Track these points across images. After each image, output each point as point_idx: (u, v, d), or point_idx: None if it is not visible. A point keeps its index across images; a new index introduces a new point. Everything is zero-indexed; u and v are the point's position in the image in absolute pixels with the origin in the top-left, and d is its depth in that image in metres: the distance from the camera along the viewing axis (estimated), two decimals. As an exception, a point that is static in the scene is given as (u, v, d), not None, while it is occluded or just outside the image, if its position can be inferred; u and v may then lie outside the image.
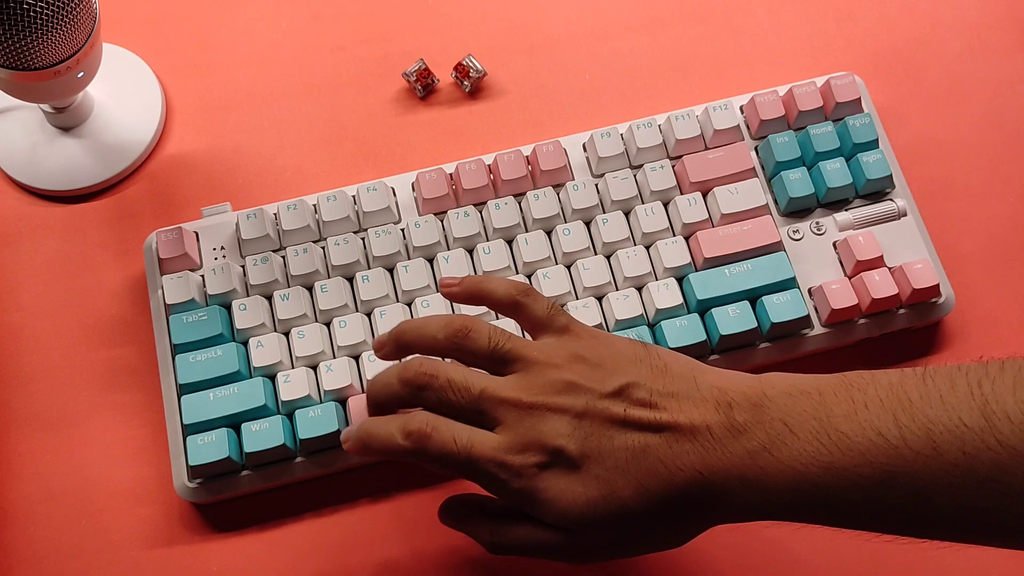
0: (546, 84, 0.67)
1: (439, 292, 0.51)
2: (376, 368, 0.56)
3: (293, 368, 0.57)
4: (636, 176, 0.61)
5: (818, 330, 0.58)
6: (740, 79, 0.66)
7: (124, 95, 0.65)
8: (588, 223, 0.60)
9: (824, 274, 0.59)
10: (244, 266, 0.59)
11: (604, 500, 0.43)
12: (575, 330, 0.47)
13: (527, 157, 0.61)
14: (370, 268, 0.59)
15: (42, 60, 0.54)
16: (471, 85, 0.66)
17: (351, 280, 0.59)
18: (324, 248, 0.59)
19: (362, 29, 0.68)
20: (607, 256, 0.59)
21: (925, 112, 0.66)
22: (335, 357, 0.57)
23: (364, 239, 0.59)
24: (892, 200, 0.60)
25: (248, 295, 0.58)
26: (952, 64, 0.67)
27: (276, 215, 0.60)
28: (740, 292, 0.57)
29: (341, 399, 0.56)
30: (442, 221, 0.60)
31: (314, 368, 0.57)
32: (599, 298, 0.58)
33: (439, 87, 0.67)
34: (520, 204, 0.60)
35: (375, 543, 0.56)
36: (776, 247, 0.59)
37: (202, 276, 0.59)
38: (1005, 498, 0.39)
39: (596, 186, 0.61)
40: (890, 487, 0.40)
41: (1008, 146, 0.65)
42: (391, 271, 0.59)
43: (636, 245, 0.59)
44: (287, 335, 0.58)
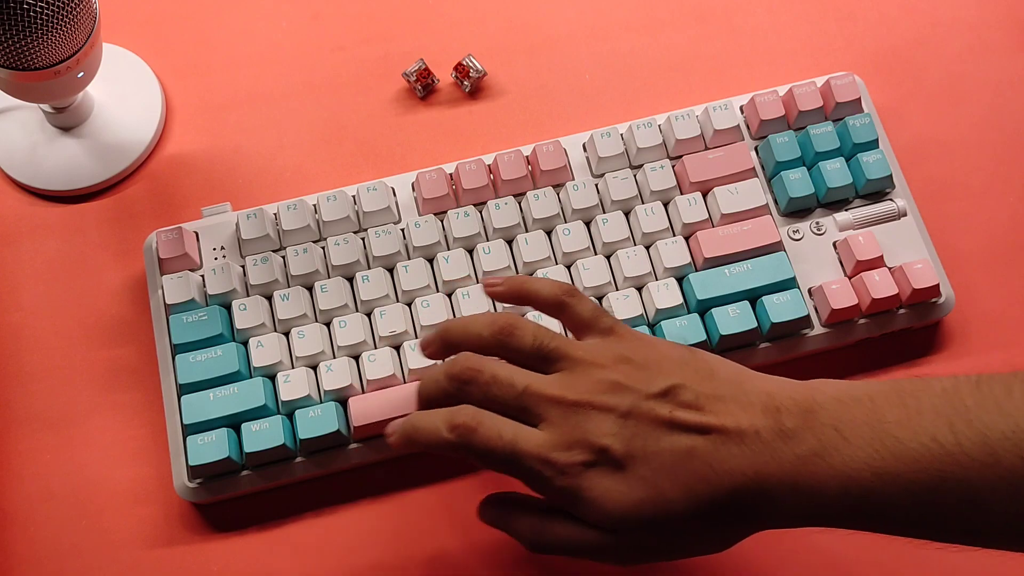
0: (546, 84, 0.67)
1: (483, 291, 0.50)
2: (373, 369, 0.56)
3: (293, 368, 0.57)
4: (636, 176, 0.61)
5: (818, 330, 0.58)
6: (740, 79, 0.66)
7: (124, 95, 0.65)
8: (588, 223, 0.60)
9: (824, 274, 0.59)
10: (244, 266, 0.59)
11: (649, 502, 0.42)
12: (620, 332, 0.47)
13: (527, 157, 0.61)
14: (370, 268, 0.59)
15: (42, 60, 0.54)
16: (471, 85, 0.66)
17: (351, 280, 0.59)
18: (324, 248, 0.59)
19: (362, 29, 0.68)
20: (607, 256, 0.59)
21: (925, 112, 0.66)
22: (335, 357, 0.57)
23: (364, 239, 0.59)
24: (892, 200, 0.60)
25: (248, 295, 0.58)
26: (952, 64, 0.67)
27: (276, 215, 0.60)
28: (740, 292, 0.57)
29: (341, 399, 0.56)
30: (442, 221, 0.60)
31: (314, 368, 0.57)
32: (599, 298, 0.58)
33: (439, 87, 0.67)
34: (520, 204, 0.60)
35: (375, 543, 0.56)
36: (776, 247, 0.59)
37: (202, 276, 0.59)
38: None
39: (596, 186, 0.61)
40: (944, 494, 0.39)
41: (1008, 146, 0.65)
42: (391, 271, 0.59)
43: (636, 245, 0.59)
44: (287, 335, 0.58)
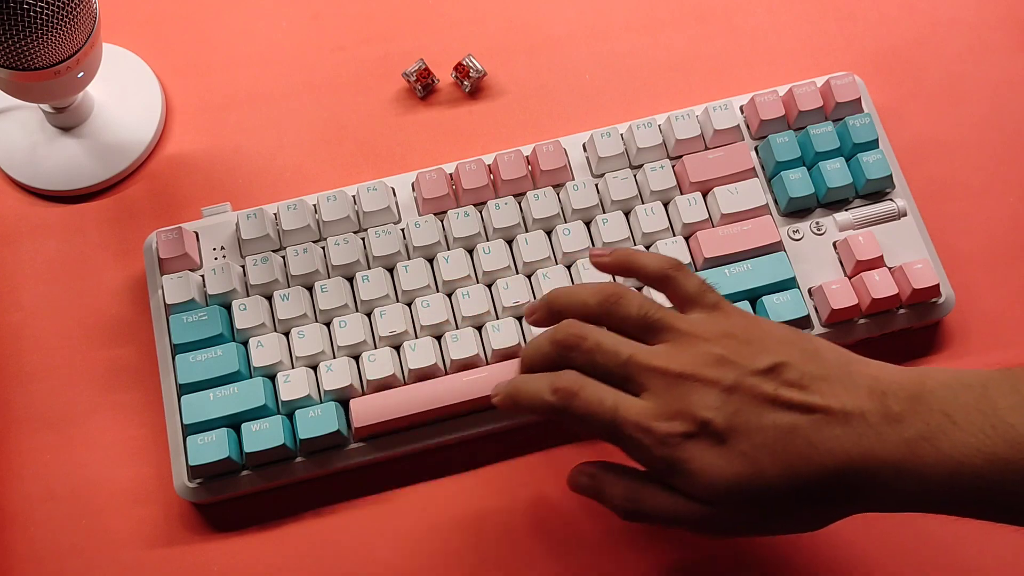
0: (546, 84, 0.67)
1: (589, 261, 0.50)
2: (373, 369, 0.56)
3: (293, 368, 0.57)
4: (636, 176, 0.61)
5: (818, 330, 0.58)
6: (740, 79, 0.66)
7: (124, 95, 0.65)
8: (588, 223, 0.60)
9: (824, 274, 0.59)
10: (244, 266, 0.59)
11: (749, 477, 0.42)
12: (725, 307, 0.47)
13: (527, 157, 0.61)
14: (370, 268, 0.59)
15: (42, 60, 0.54)
16: (471, 85, 0.66)
17: (351, 280, 0.59)
18: (324, 248, 0.59)
19: (362, 29, 0.68)
20: (607, 256, 0.59)
21: (925, 112, 0.66)
22: (335, 357, 0.57)
23: (364, 239, 0.59)
24: (892, 200, 0.60)
25: (248, 295, 0.58)
26: (952, 64, 0.67)
27: (276, 215, 0.60)
28: (740, 292, 0.57)
29: (341, 399, 0.56)
30: (442, 221, 0.60)
31: (314, 368, 0.57)
32: (599, 298, 0.58)
33: (439, 87, 0.67)
34: (520, 204, 0.60)
35: (375, 543, 0.56)
36: (776, 247, 0.59)
37: (202, 276, 0.59)
38: None
39: (596, 186, 0.61)
40: None
41: (1008, 146, 0.65)
42: (391, 271, 0.59)
43: (636, 245, 0.59)
44: (287, 335, 0.58)
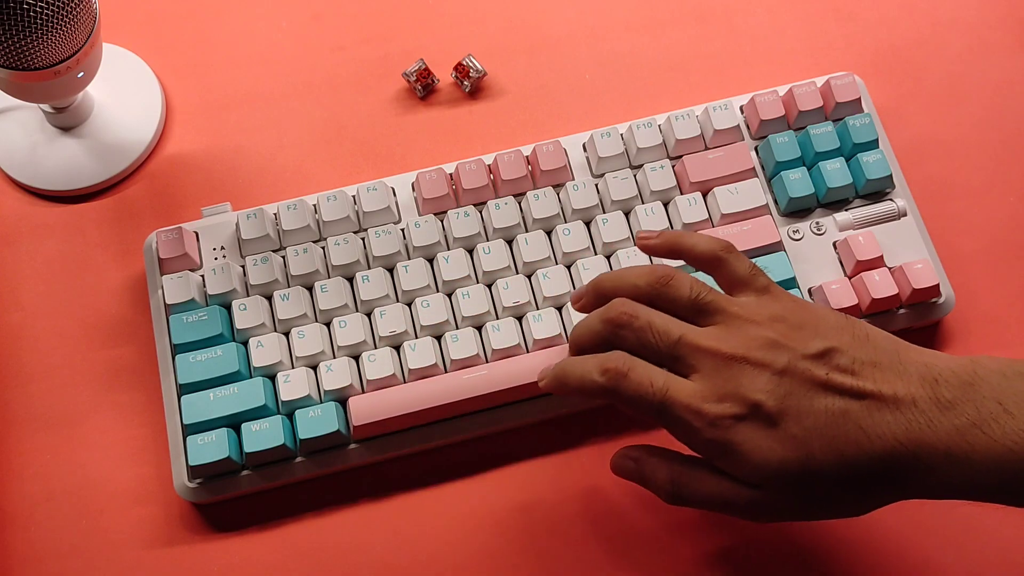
0: (546, 84, 0.67)
1: (636, 245, 0.50)
2: (373, 369, 0.56)
3: (293, 368, 0.57)
4: (636, 176, 0.61)
5: (818, 330, 0.58)
6: (740, 79, 0.66)
7: (124, 95, 0.65)
8: (588, 223, 0.60)
9: (824, 274, 0.59)
10: (244, 266, 0.59)
11: (798, 460, 0.42)
12: (775, 291, 0.47)
13: (527, 157, 0.61)
14: (370, 268, 0.59)
15: (42, 60, 0.54)
16: (471, 85, 0.66)
17: (351, 280, 0.59)
18: (324, 248, 0.59)
19: (362, 29, 0.68)
20: (607, 256, 0.59)
21: (925, 112, 0.66)
22: (335, 357, 0.57)
23: (364, 239, 0.59)
24: (892, 200, 0.60)
25: (248, 295, 0.58)
26: (952, 64, 0.67)
27: (276, 215, 0.60)
28: (740, 292, 0.57)
29: (341, 399, 0.56)
30: (442, 221, 0.60)
31: (314, 368, 0.57)
32: (599, 298, 0.58)
33: (439, 87, 0.67)
34: (520, 204, 0.60)
35: (374, 543, 0.56)
36: (776, 247, 0.59)
37: (202, 276, 0.59)
38: None
39: (596, 186, 0.61)
40: None
41: (1008, 146, 0.65)
42: (391, 271, 0.59)
43: (636, 246, 0.59)
44: (287, 335, 0.58)
